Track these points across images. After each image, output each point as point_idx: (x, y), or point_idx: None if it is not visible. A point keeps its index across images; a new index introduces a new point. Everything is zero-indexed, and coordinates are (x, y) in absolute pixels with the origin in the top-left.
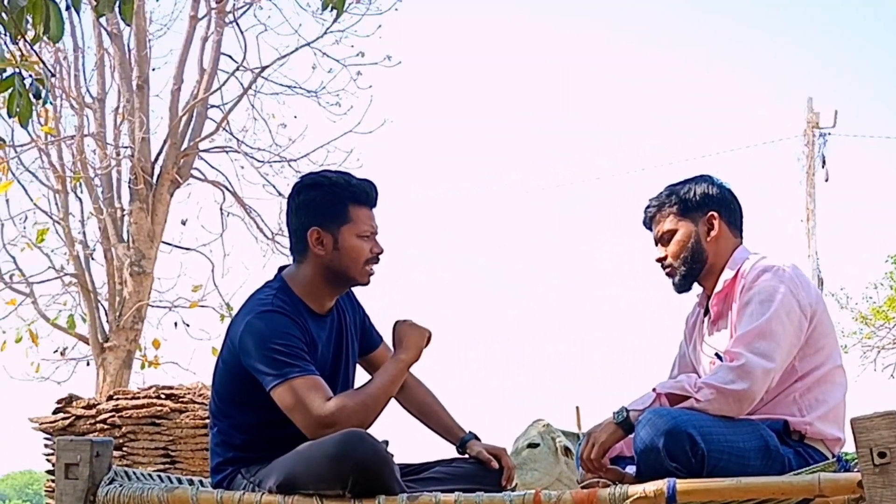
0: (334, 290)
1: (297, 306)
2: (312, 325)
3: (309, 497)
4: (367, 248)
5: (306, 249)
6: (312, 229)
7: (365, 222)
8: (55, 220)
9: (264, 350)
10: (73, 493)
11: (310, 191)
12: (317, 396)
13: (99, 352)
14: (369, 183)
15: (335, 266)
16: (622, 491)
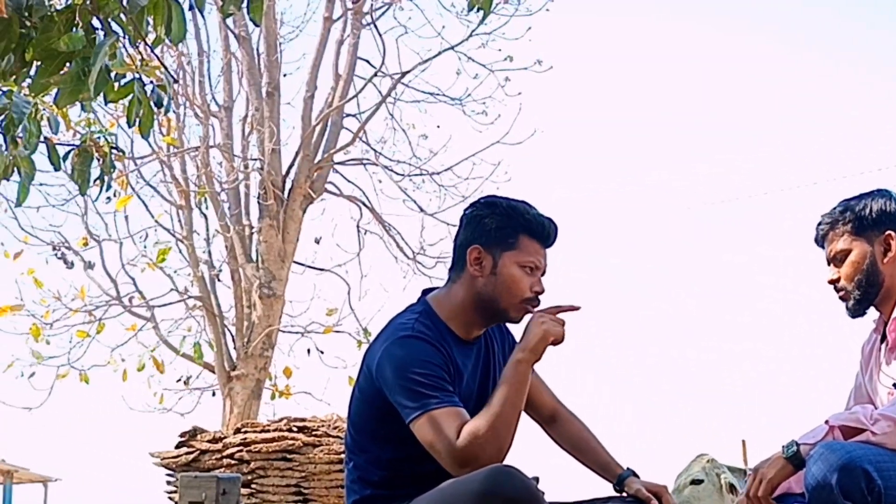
0: (483, 320)
1: (442, 332)
2: (457, 353)
3: None
4: (527, 284)
5: (463, 268)
6: (474, 247)
7: (532, 254)
8: (178, 238)
9: (403, 380)
10: None
11: (484, 208)
12: (454, 429)
13: (226, 381)
14: (550, 220)
15: (488, 293)
16: None
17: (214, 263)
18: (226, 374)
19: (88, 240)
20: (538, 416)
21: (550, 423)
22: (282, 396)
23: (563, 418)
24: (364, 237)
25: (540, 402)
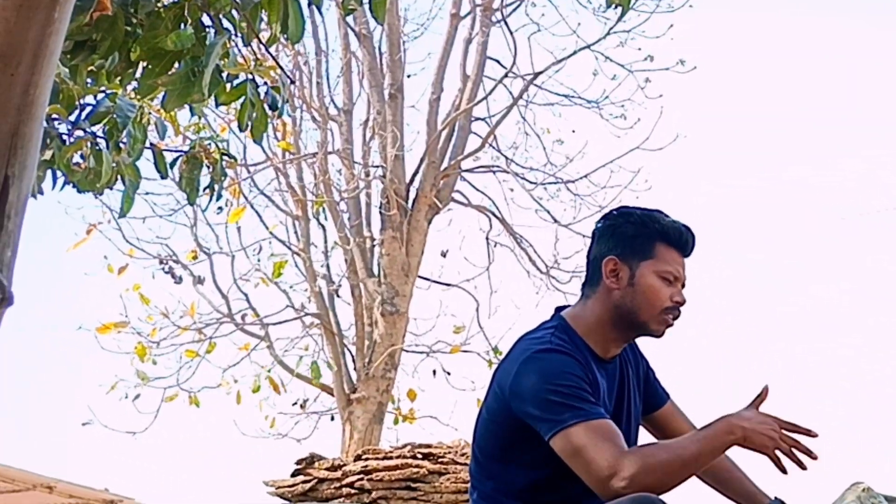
0: (622, 334)
1: (580, 347)
2: (596, 370)
3: None
4: (667, 294)
5: (599, 282)
6: (609, 258)
7: (670, 263)
8: (294, 251)
9: (543, 392)
10: None
11: (617, 219)
12: (609, 445)
13: (345, 404)
14: (688, 228)
15: (627, 305)
16: None
17: (333, 278)
18: (345, 397)
19: (198, 253)
20: None
21: None
22: (405, 421)
23: None
24: (494, 250)
25: (677, 433)
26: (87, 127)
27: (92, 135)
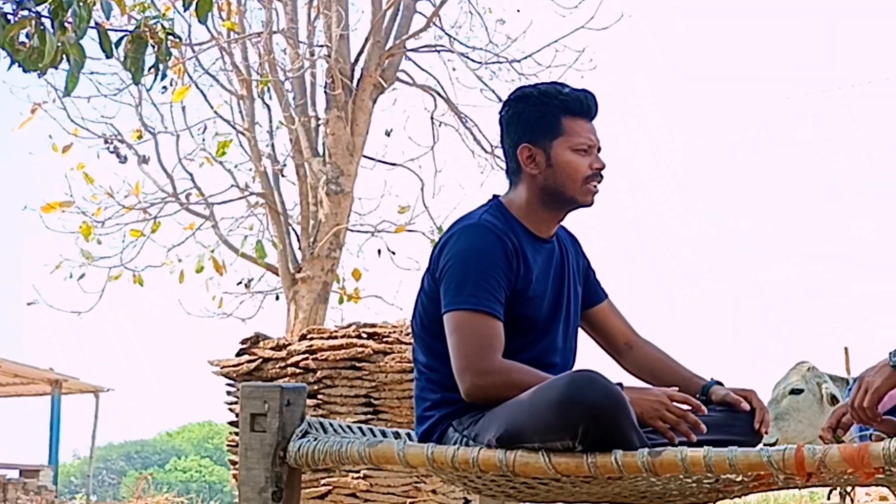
0: (554, 212)
1: (513, 225)
2: (528, 247)
3: (534, 451)
4: (586, 164)
5: (519, 170)
6: (522, 146)
7: (580, 134)
8: (239, 130)
9: (455, 267)
10: (259, 447)
11: (517, 104)
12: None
13: (290, 284)
14: (585, 92)
15: (551, 186)
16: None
17: (278, 158)
18: (290, 277)
19: (143, 132)
20: (612, 346)
21: (625, 352)
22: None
23: (638, 346)
24: (438, 129)
25: (614, 331)
26: (31, 6)
27: (37, 14)
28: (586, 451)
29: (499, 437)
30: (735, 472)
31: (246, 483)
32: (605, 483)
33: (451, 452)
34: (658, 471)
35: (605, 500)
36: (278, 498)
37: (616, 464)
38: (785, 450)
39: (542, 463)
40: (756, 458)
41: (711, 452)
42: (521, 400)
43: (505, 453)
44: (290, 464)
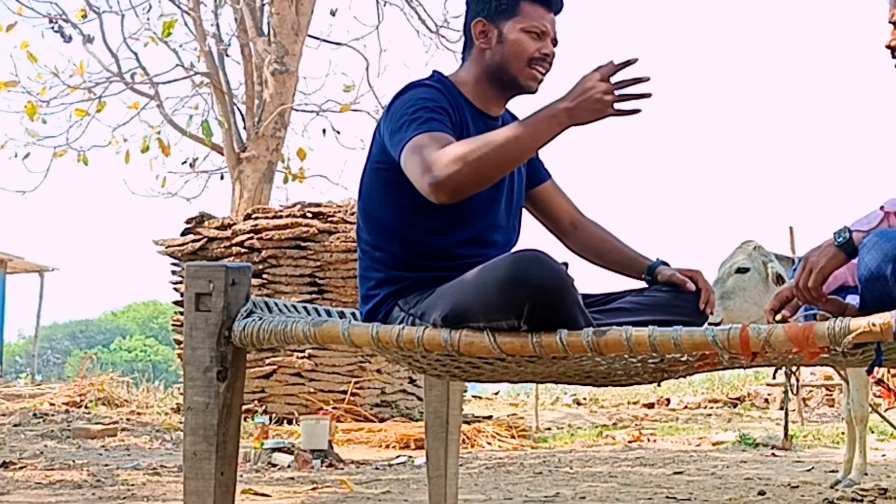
0: (499, 92)
1: (456, 97)
2: (471, 119)
3: (479, 331)
4: (534, 47)
5: (471, 45)
6: (478, 20)
7: (536, 19)
8: (184, 10)
9: (398, 119)
10: (204, 327)
11: None
12: (432, 148)
13: (235, 163)
14: None
15: (497, 62)
16: (843, 325)
17: (223, 37)
18: (235, 156)
19: (87, 11)
20: (556, 226)
21: (570, 232)
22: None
23: (584, 225)
24: (383, 9)
25: (558, 211)
26: None
27: None
28: (531, 331)
29: (444, 316)
30: (680, 352)
31: (191, 362)
32: (549, 363)
33: (395, 332)
34: (603, 350)
35: (550, 379)
36: (223, 377)
37: (561, 343)
38: (730, 329)
39: (487, 342)
40: (701, 337)
41: (656, 332)
42: (466, 279)
43: (450, 333)
44: (234, 343)
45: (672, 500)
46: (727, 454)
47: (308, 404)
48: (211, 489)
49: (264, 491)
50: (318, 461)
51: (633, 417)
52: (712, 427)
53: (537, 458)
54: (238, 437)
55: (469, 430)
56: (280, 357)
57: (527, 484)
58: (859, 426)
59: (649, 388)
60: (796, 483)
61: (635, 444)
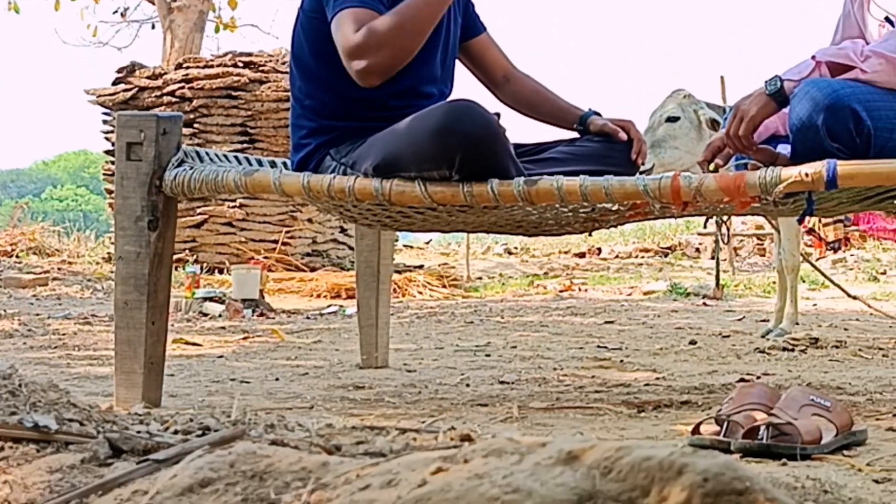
0: None
1: None
2: None
3: (410, 180)
4: None
5: None
6: None
7: None
8: None
9: None
10: (135, 176)
11: None
12: (354, 25)
13: (166, 13)
14: None
15: None
16: (775, 174)
17: None
18: (166, 6)
19: None
20: (490, 78)
21: (503, 84)
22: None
23: (516, 78)
24: None
25: (492, 63)
26: None
27: None
28: (463, 181)
29: (375, 165)
30: (611, 201)
31: (122, 212)
32: (480, 212)
33: (327, 181)
34: (534, 200)
35: (482, 229)
36: (154, 227)
37: (492, 193)
38: (661, 178)
39: (418, 192)
40: (632, 186)
41: (587, 181)
42: (398, 129)
43: (381, 182)
44: (165, 193)
45: (603, 350)
46: (658, 304)
47: (239, 254)
48: (142, 338)
49: (195, 340)
50: (249, 310)
51: (565, 267)
52: (643, 277)
53: (468, 307)
54: (169, 286)
55: (400, 279)
56: (211, 207)
57: (458, 333)
58: (790, 276)
59: (580, 238)
60: (727, 332)
61: (566, 293)
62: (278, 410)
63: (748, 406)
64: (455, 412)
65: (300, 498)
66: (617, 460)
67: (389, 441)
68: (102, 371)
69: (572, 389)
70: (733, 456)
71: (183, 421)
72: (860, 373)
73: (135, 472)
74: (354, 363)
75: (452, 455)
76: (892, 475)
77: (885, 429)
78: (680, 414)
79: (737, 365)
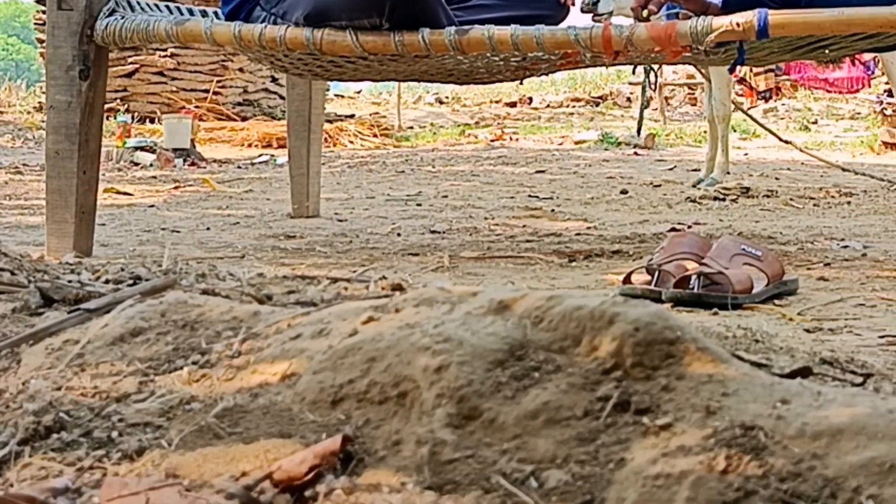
0: None
1: None
2: None
3: (341, 30)
4: None
5: None
6: None
7: None
8: None
9: None
10: (66, 25)
11: None
12: None
13: None
14: None
15: None
16: (706, 24)
17: None
18: None
19: None
20: None
21: None
22: None
23: None
24: None
25: None
26: None
27: None
28: (393, 29)
29: (306, 15)
30: (542, 51)
31: (53, 61)
32: (411, 61)
33: (258, 31)
34: (465, 49)
35: (413, 78)
36: (85, 76)
37: (423, 42)
38: (592, 28)
39: (349, 41)
40: (563, 36)
41: (518, 31)
42: None
43: (312, 31)
44: (97, 42)
45: (534, 199)
46: (589, 153)
47: (170, 103)
48: (73, 187)
49: (126, 189)
50: (181, 160)
51: (496, 116)
52: (574, 126)
53: (399, 156)
54: (100, 135)
55: (331, 128)
56: (142, 56)
57: (389, 183)
58: (722, 125)
59: (511, 87)
60: (658, 182)
61: (497, 143)
62: (209, 260)
63: (679, 255)
64: (386, 262)
65: (231, 347)
66: (548, 310)
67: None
68: (33, 220)
69: (503, 239)
70: (664, 305)
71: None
72: (791, 222)
73: (66, 321)
74: (286, 213)
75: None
76: (822, 324)
77: (816, 278)
78: (611, 263)
79: (668, 214)
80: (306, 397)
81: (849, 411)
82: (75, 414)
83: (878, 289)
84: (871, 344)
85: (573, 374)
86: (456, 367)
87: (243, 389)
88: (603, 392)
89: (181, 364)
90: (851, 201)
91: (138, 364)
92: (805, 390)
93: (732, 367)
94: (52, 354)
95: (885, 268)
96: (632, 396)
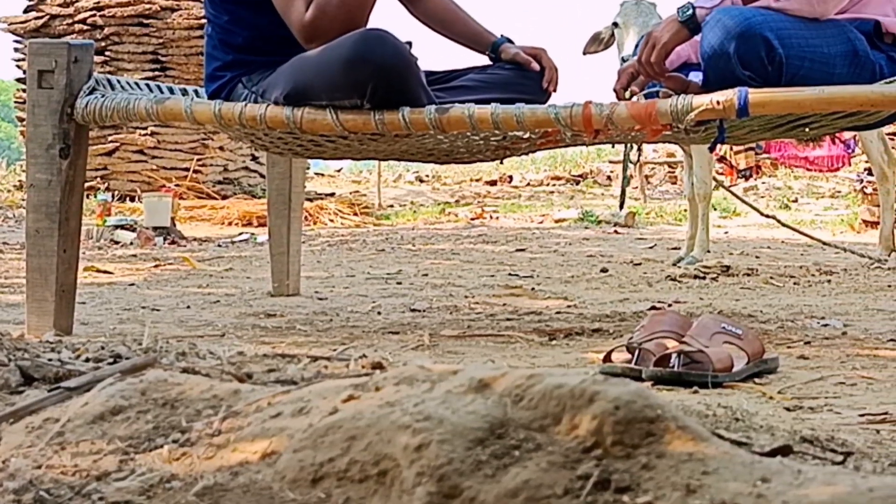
0: None
1: None
2: None
3: (321, 108)
4: None
5: None
6: None
7: None
8: None
9: None
10: (47, 104)
11: None
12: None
13: None
14: None
15: None
16: (686, 102)
17: None
18: None
19: None
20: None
21: (417, 0)
22: None
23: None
24: None
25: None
26: None
27: None
28: (374, 109)
29: (286, 94)
30: (522, 129)
31: (33, 140)
32: (392, 140)
33: (238, 109)
34: (445, 128)
35: (393, 157)
36: (66, 155)
37: (403, 121)
38: (572, 106)
39: (329, 120)
40: (543, 114)
41: (499, 109)
42: (308, 57)
43: (292, 110)
44: (77, 120)
45: (514, 277)
46: (570, 231)
47: (151, 181)
48: (53, 266)
49: (107, 268)
50: (161, 238)
51: (476, 195)
52: (555, 204)
53: (380, 235)
54: (80, 214)
55: (312, 207)
56: (123, 134)
57: (369, 261)
58: (702, 203)
59: (492, 166)
60: (639, 260)
61: (478, 221)
62: (190, 338)
63: (660, 334)
64: (366, 340)
65: (211, 425)
66: (528, 388)
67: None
68: (14, 299)
69: (484, 317)
70: (645, 384)
71: (94, 349)
72: (771, 300)
73: (46, 399)
74: (266, 291)
75: (364, 383)
76: (803, 402)
77: (797, 356)
78: (591, 342)
79: (648, 293)
80: (287, 476)
81: (829, 490)
82: (56, 492)
83: (859, 367)
84: (851, 422)
85: (553, 453)
86: (436, 446)
87: (224, 468)
88: (583, 470)
89: (161, 442)
90: (832, 279)
91: (119, 442)
92: (785, 469)
93: (713, 446)
94: (32, 433)
95: (866, 346)
96: (612, 475)
